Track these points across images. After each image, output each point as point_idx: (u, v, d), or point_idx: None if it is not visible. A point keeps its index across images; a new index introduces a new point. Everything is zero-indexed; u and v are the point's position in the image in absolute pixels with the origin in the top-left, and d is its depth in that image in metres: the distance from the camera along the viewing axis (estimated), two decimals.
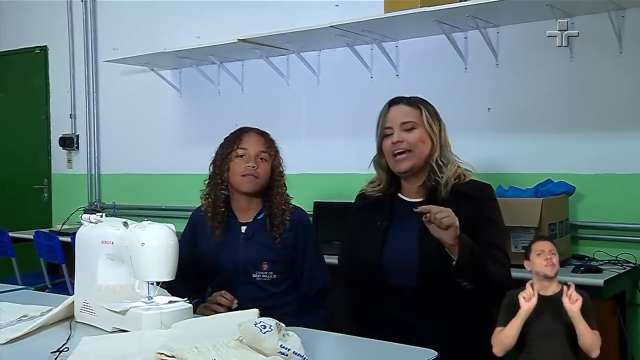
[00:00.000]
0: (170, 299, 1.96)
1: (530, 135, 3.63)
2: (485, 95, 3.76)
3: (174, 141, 5.24)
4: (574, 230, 3.43)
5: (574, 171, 3.45)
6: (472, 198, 2.24)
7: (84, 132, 5.87)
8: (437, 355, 1.66)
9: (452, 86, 3.84)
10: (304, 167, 4.39)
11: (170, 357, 1.49)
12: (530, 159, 3.61)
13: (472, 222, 2.15)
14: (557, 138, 3.54)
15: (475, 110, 3.77)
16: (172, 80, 5.14)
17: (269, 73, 4.56)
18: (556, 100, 3.54)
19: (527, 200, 3.12)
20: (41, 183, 6.22)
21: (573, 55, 3.46)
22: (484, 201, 2.26)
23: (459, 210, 2.11)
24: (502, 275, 2.15)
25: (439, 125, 2.37)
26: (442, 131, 2.37)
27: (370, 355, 1.73)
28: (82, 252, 2.12)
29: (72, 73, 5.93)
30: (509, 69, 3.67)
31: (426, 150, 2.32)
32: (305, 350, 1.56)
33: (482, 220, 2.21)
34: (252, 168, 2.63)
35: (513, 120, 3.68)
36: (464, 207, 2.19)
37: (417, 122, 2.33)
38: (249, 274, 2.62)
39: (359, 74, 4.20)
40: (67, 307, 2.08)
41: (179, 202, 4.96)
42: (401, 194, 2.40)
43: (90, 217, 2.12)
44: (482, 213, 2.23)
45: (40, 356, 1.67)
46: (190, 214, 2.83)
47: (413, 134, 2.31)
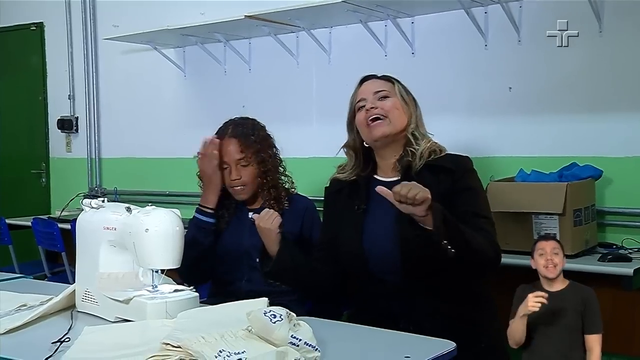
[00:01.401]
0: (175, 288, 1.98)
1: (555, 116, 3.61)
2: (506, 74, 3.74)
3: (178, 123, 5.25)
4: (601, 216, 3.42)
5: (601, 154, 3.43)
6: (449, 171, 2.27)
7: (83, 114, 5.88)
8: (455, 347, 1.67)
9: (472, 65, 3.83)
10: (314, 150, 4.39)
11: (176, 347, 1.50)
12: (554, 141, 3.59)
13: (452, 194, 2.20)
14: (583, 119, 3.53)
15: (495, 89, 3.76)
16: (176, 59, 5.14)
17: (277, 51, 4.55)
18: (583, 79, 3.52)
19: (551, 185, 3.11)
20: (39, 168, 6.25)
21: (603, 29, 3.42)
22: (462, 172, 2.30)
23: (439, 185, 2.17)
24: (488, 243, 2.15)
25: (413, 100, 2.43)
26: (417, 107, 2.43)
27: (386, 346, 1.74)
28: (83, 239, 2.14)
29: (70, 52, 5.94)
30: (532, 45, 3.64)
31: (401, 119, 2.36)
32: (317, 341, 1.57)
33: (462, 191, 2.25)
34: (237, 180, 2.75)
35: (536, 100, 3.67)
36: (443, 180, 2.24)
37: (390, 92, 2.39)
38: (253, 259, 2.65)
39: (372, 52, 4.18)
40: (68, 296, 2.10)
41: (184, 188, 4.96)
42: (377, 174, 2.42)
43: (92, 202, 2.13)
44: (461, 184, 2.26)
45: (40, 346, 1.69)
46: None
47: (387, 102, 2.37)
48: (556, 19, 3.50)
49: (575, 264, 2.94)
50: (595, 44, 3.46)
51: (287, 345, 1.51)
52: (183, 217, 2.00)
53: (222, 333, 1.54)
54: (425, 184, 2.03)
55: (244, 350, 1.47)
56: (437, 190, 2.07)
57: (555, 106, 3.61)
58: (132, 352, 1.60)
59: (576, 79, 3.54)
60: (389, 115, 2.33)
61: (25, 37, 6.27)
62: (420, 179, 2.16)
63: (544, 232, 3.01)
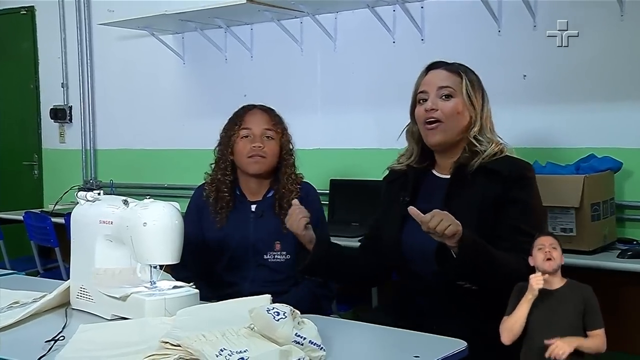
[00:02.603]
0: (174, 284, 1.98)
1: (571, 105, 3.60)
2: (520, 61, 3.73)
3: (176, 113, 5.26)
4: (620, 210, 3.41)
5: (621, 145, 3.43)
6: (502, 177, 2.21)
7: (77, 103, 5.88)
8: (467, 346, 1.67)
9: (484, 51, 3.82)
10: (319, 141, 4.41)
11: (176, 346, 1.51)
12: (570, 132, 3.59)
13: (501, 203, 2.16)
14: (601, 108, 3.52)
15: (509, 77, 3.75)
16: (174, 46, 5.14)
17: (280, 38, 4.55)
18: (602, 66, 3.51)
19: (567, 178, 3.10)
20: (31, 159, 6.27)
21: (624, 12, 3.40)
22: (515, 180, 2.22)
23: (489, 190, 2.14)
24: (519, 267, 2.04)
25: (482, 98, 2.35)
26: (484, 106, 2.34)
27: (394, 344, 1.74)
28: (78, 233, 2.14)
29: (63, 37, 5.94)
30: (548, 31, 3.63)
31: (462, 123, 2.29)
32: (323, 340, 1.58)
33: (511, 202, 2.18)
34: (259, 148, 2.68)
35: (551, 88, 3.66)
36: (492, 186, 2.19)
37: (455, 90, 2.31)
38: (260, 255, 2.65)
39: (380, 39, 4.18)
40: (62, 293, 2.11)
41: (183, 180, 4.98)
42: (435, 169, 2.40)
43: (87, 194, 2.14)
44: (512, 194, 2.19)
45: (33, 345, 1.69)
46: (194, 191, 2.86)
47: (449, 103, 2.29)
48: (574, 1, 3.49)
49: (593, 260, 2.95)
50: (615, 29, 3.45)
51: (291, 343, 1.51)
52: (182, 211, 2.00)
53: (223, 331, 1.54)
54: (476, 187, 2.08)
55: (246, 349, 1.48)
56: (486, 195, 2.11)
57: (573, 94, 3.60)
58: (130, 351, 1.60)
59: (595, 66, 3.53)
60: (447, 122, 2.28)
61: (15, 22, 6.27)
62: (472, 180, 2.19)
63: (560, 228, 3.02)
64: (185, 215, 2.74)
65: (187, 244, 2.01)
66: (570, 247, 2.98)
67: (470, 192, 2.19)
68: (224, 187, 2.73)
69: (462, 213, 2.02)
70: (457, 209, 2.03)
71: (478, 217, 2.14)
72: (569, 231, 3.03)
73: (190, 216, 2.77)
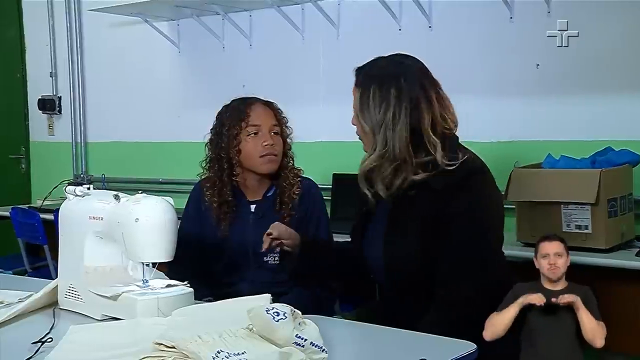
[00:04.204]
0: (168, 283, 1.98)
1: (587, 96, 3.60)
2: (533, 50, 3.72)
3: (171, 104, 5.25)
4: (639, 206, 3.41)
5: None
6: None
7: (67, 94, 5.88)
8: (476, 349, 1.67)
9: (495, 39, 3.81)
10: (321, 134, 4.40)
11: (170, 348, 1.50)
12: (586, 123, 3.58)
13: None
14: (619, 98, 3.51)
15: (522, 67, 3.74)
16: (169, 34, 5.13)
17: (281, 25, 4.54)
18: (621, 54, 3.50)
19: (583, 172, 3.10)
20: (18, 152, 6.26)
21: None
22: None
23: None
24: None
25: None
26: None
27: (399, 346, 1.74)
28: (67, 230, 2.14)
29: (51, 24, 5.93)
30: (563, 17, 3.61)
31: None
32: (324, 341, 1.57)
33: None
34: (271, 146, 2.66)
35: (566, 78, 3.65)
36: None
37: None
38: (260, 258, 2.64)
39: (385, 26, 4.17)
40: (49, 293, 2.11)
41: (179, 175, 4.97)
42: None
43: (76, 189, 2.14)
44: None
45: (19, 347, 1.69)
46: (193, 188, 2.85)
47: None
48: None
49: (610, 259, 2.94)
50: (637, 14, 3.43)
51: (291, 345, 1.51)
52: (177, 207, 2.00)
53: (220, 332, 1.54)
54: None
55: (244, 350, 1.48)
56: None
57: (588, 84, 3.59)
58: (122, 353, 1.61)
59: (613, 54, 3.52)
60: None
61: (0, 7, 6.24)
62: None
63: (575, 225, 3.02)
64: (184, 214, 2.75)
65: (184, 243, 2.01)
66: (586, 245, 2.98)
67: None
68: (227, 189, 2.69)
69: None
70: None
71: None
72: (584, 228, 3.03)
73: (189, 215, 2.77)
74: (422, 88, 2.19)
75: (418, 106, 2.16)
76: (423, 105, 2.16)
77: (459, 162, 2.13)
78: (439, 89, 2.25)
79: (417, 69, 2.25)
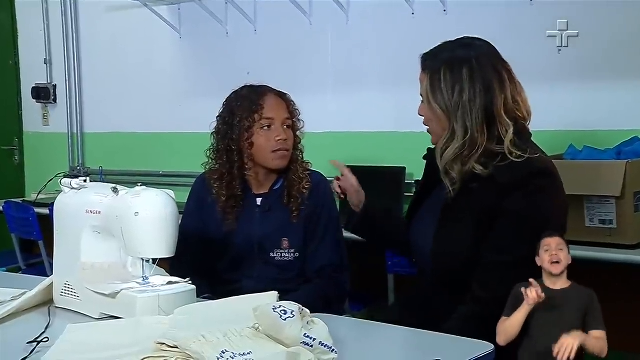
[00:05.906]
0: (169, 280, 1.98)
1: (612, 82, 3.59)
2: (555, 34, 3.71)
3: (172, 93, 5.26)
4: None
5: None
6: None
7: (62, 82, 5.90)
8: (494, 349, 1.67)
9: (514, 23, 3.80)
10: (330, 124, 4.40)
11: (173, 347, 1.51)
12: (611, 112, 3.58)
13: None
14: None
15: (543, 52, 3.73)
16: (170, 18, 5.14)
17: (287, 9, 4.54)
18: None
19: (607, 163, 3.09)
20: (11, 144, 6.29)
21: None
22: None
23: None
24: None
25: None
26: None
27: (413, 346, 1.75)
28: (63, 224, 2.15)
29: (45, 8, 5.95)
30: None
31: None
32: (334, 341, 1.57)
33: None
34: (284, 141, 2.65)
35: (590, 63, 3.64)
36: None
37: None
38: (267, 253, 2.65)
39: (397, 11, 4.17)
40: (44, 290, 2.11)
41: (180, 167, 4.99)
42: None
43: (72, 181, 2.14)
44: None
45: (14, 347, 1.70)
46: (195, 181, 2.85)
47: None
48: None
49: (636, 255, 2.93)
50: None
51: (299, 345, 1.51)
52: (178, 201, 2.00)
53: (225, 331, 1.54)
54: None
55: (250, 351, 1.48)
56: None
57: (613, 70, 3.59)
58: (123, 353, 1.61)
59: (638, 39, 3.50)
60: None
61: None
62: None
63: (599, 219, 3.01)
64: (185, 208, 2.75)
65: (186, 239, 2.01)
66: (610, 241, 2.98)
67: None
68: (236, 183, 2.68)
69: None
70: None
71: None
72: (608, 223, 3.02)
73: (191, 209, 2.77)
74: (495, 70, 2.18)
75: (490, 88, 2.14)
76: (496, 86, 2.15)
77: (527, 158, 2.10)
78: (512, 72, 2.23)
79: (488, 50, 2.24)
